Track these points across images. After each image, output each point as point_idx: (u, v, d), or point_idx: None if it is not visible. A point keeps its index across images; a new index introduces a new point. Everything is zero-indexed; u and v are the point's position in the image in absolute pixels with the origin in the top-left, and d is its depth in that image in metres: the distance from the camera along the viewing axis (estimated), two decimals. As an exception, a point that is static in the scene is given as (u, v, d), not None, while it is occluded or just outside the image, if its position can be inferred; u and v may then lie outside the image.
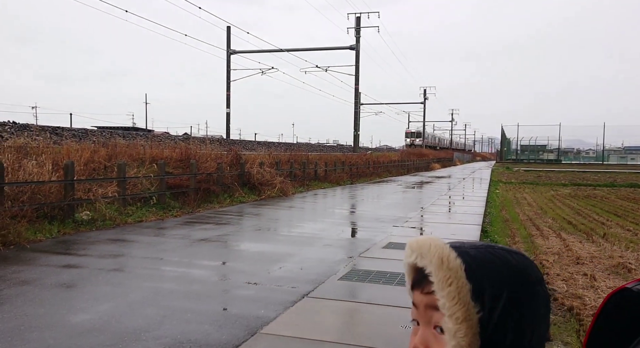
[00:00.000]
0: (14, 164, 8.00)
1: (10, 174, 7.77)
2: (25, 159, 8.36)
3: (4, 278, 5.09)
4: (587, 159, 71.76)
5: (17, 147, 8.80)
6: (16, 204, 7.39)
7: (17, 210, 7.28)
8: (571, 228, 10.00)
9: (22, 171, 7.99)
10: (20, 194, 7.67)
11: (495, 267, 0.64)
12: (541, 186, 23.25)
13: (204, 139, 16.88)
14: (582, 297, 5.08)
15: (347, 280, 5.36)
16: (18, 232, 6.82)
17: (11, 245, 6.57)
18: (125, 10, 18.47)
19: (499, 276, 0.64)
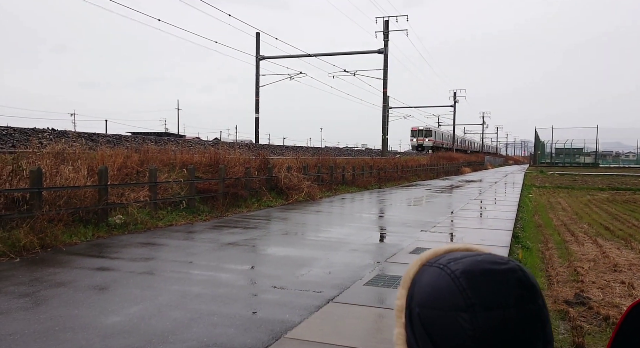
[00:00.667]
0: (51, 170, 8.32)
1: (48, 179, 8.08)
2: (62, 165, 8.68)
3: (41, 279, 5.29)
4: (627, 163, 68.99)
5: (55, 153, 9.15)
6: (53, 208, 7.68)
7: (54, 214, 7.56)
8: (608, 234, 9.63)
9: (59, 177, 8.29)
10: (57, 198, 7.97)
11: (423, 287, 0.62)
12: (577, 191, 22.50)
13: (233, 144, 17.13)
14: (619, 306, 4.87)
15: (373, 286, 5.32)
16: (55, 235, 7.08)
17: (48, 248, 6.83)
18: (158, 19, 19.01)
19: (420, 297, 0.61)
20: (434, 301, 0.58)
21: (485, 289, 0.56)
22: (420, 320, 0.59)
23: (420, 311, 0.60)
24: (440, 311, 0.57)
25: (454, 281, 0.58)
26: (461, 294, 0.56)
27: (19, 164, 7.90)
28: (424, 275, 0.63)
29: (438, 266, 0.62)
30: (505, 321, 0.55)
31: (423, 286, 0.61)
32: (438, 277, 0.60)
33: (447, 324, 0.56)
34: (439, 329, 0.57)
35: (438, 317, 0.57)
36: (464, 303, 0.56)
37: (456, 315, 0.56)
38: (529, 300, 0.57)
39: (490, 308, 0.55)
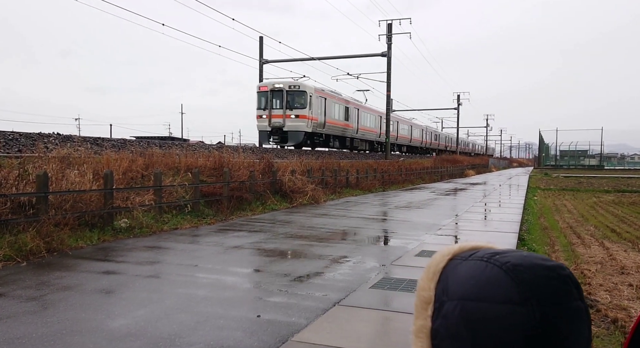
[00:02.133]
0: (57, 174, 8.36)
1: (54, 183, 8.12)
2: (68, 169, 8.72)
3: (48, 283, 5.31)
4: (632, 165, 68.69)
5: (61, 157, 9.20)
6: (59, 212, 7.71)
7: (60, 218, 7.59)
8: (615, 236, 9.57)
9: (65, 181, 8.33)
10: (63, 202, 8.00)
11: (461, 280, 0.60)
12: (582, 193, 22.39)
13: (237, 148, 17.16)
14: (627, 309, 4.84)
15: (379, 289, 5.31)
16: (61, 239, 7.11)
17: (55, 252, 6.85)
18: (162, 24, 19.07)
19: (459, 290, 0.59)
20: (481, 294, 0.57)
21: (540, 283, 0.56)
22: (461, 313, 0.58)
23: (462, 304, 0.58)
24: (488, 304, 0.56)
25: (507, 274, 0.57)
26: (517, 287, 0.55)
27: (25, 168, 7.94)
28: (460, 268, 0.62)
29: (481, 259, 0.60)
30: (559, 317, 0.55)
31: (463, 279, 0.60)
32: (484, 270, 0.58)
33: (496, 318, 0.55)
34: (485, 322, 0.56)
35: (485, 310, 0.56)
36: (519, 296, 0.55)
37: (510, 309, 0.55)
38: (577, 297, 0.57)
39: (545, 304, 0.55)
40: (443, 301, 0.61)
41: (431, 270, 0.66)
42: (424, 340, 0.63)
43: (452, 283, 0.61)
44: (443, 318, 0.61)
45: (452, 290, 0.61)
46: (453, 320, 0.59)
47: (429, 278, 0.65)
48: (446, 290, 0.62)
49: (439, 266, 0.65)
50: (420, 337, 0.64)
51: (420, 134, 52.22)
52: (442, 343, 0.60)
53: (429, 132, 56.80)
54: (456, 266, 0.63)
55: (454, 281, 0.61)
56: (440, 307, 0.61)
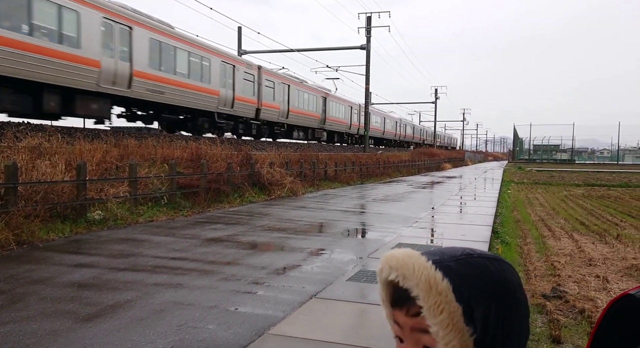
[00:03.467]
0: (27, 165, 8.12)
1: (24, 174, 7.89)
2: (38, 160, 8.48)
3: (17, 276, 5.17)
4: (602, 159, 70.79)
5: (31, 147, 8.93)
6: (30, 204, 7.51)
7: (30, 210, 7.39)
8: (584, 229, 9.87)
9: (36, 171, 8.11)
10: (34, 194, 7.79)
11: (480, 281, 0.63)
12: (554, 187, 22.99)
13: (214, 139, 16.97)
14: (594, 299, 5.01)
15: (356, 281, 5.35)
16: (31, 231, 6.92)
17: (25, 244, 6.68)
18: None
19: (485, 290, 0.63)
20: (506, 286, 0.64)
21: None
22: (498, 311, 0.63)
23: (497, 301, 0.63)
24: (512, 294, 0.65)
25: (510, 265, 0.67)
26: (517, 275, 0.67)
27: (-6, 158, 7.69)
28: (463, 268, 0.64)
29: (480, 256, 0.66)
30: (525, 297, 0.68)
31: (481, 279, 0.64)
32: (492, 266, 0.65)
33: (517, 302, 0.65)
34: (515, 307, 0.64)
35: (511, 299, 0.64)
36: (518, 282, 0.66)
37: (519, 294, 0.65)
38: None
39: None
40: (472, 304, 0.62)
41: (432, 282, 0.63)
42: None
43: (470, 287, 0.63)
44: (483, 320, 0.62)
45: (479, 292, 0.63)
46: (494, 318, 0.63)
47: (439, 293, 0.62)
48: (468, 295, 0.62)
49: (436, 279, 0.63)
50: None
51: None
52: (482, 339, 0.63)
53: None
54: (456, 268, 0.64)
55: (471, 283, 0.63)
56: (473, 310, 0.62)
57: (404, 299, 0.66)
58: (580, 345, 3.97)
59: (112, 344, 3.49)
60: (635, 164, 63.24)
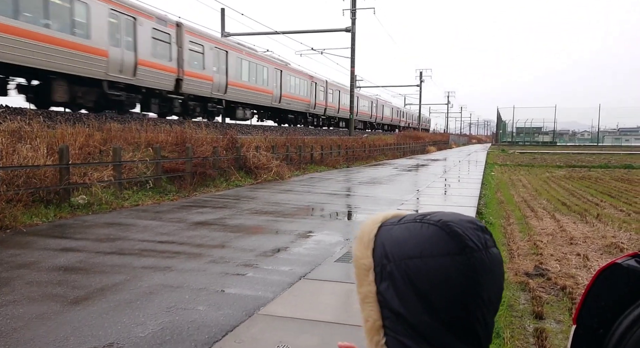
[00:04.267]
0: (7, 149, 7.95)
1: (5, 158, 7.72)
2: (19, 144, 8.30)
3: (1, 261, 5.10)
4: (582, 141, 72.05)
5: (11, 131, 8.73)
6: (11, 188, 7.37)
7: (12, 194, 7.26)
8: (565, 209, 10.09)
9: (17, 155, 7.94)
10: (15, 178, 7.64)
11: (398, 242, 0.65)
12: (536, 168, 23.36)
13: (199, 123, 16.74)
14: (575, 277, 5.16)
15: (344, 262, 5.41)
16: (14, 216, 6.81)
17: (7, 229, 6.58)
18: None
19: (400, 251, 0.64)
20: (424, 250, 0.63)
21: (469, 234, 0.63)
22: (406, 271, 0.63)
23: (406, 263, 0.63)
24: (431, 258, 0.62)
25: (443, 230, 0.63)
26: (453, 240, 0.62)
27: (-28, 142, 7.50)
28: (394, 232, 0.67)
29: (414, 221, 0.66)
30: (487, 260, 0.63)
31: (401, 240, 0.65)
32: (420, 229, 0.65)
33: (439, 269, 0.62)
34: (431, 275, 0.62)
35: (430, 264, 0.62)
36: (456, 247, 0.62)
37: (450, 259, 0.61)
38: (493, 244, 0.66)
39: (476, 250, 0.63)
40: (384, 264, 0.65)
41: (365, 238, 0.69)
42: (372, 304, 0.67)
43: (391, 246, 0.66)
44: (388, 280, 0.65)
45: (392, 253, 0.65)
46: (399, 279, 0.64)
47: (364, 246, 0.68)
48: (385, 254, 0.66)
49: (371, 234, 0.69)
50: (367, 302, 0.67)
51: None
52: (390, 302, 0.64)
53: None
54: (389, 231, 0.68)
55: (392, 244, 0.66)
56: (383, 270, 0.65)
57: None
58: (562, 320, 4.09)
59: (101, 327, 3.49)
60: (615, 145, 64.55)
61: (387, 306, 0.65)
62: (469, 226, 0.65)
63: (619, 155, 36.11)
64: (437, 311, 0.62)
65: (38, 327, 3.46)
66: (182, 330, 3.48)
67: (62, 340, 3.25)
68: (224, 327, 3.55)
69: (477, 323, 0.63)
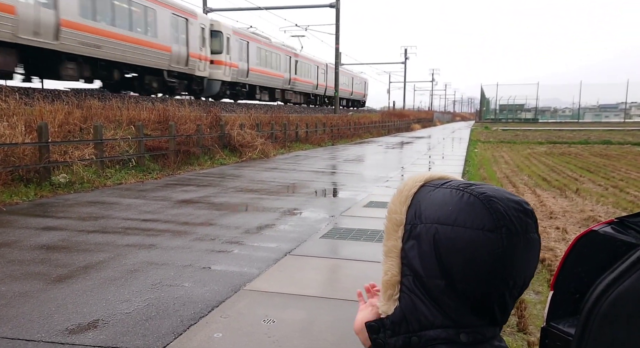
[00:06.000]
0: (-17, 127, 7.73)
1: (-19, 137, 7.52)
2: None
3: (-18, 241, 5.03)
4: (564, 118, 73.00)
5: (-14, 109, 8.48)
6: (-11, 167, 7.20)
7: (-10, 174, 7.10)
8: (546, 184, 10.28)
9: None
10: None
11: (434, 205, 0.65)
12: (518, 145, 23.66)
13: (182, 101, 16.45)
14: (553, 249, 5.30)
15: (329, 238, 5.46)
16: (-7, 196, 6.68)
17: (-13, 209, 6.45)
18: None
19: (433, 214, 0.64)
20: (458, 219, 0.62)
21: (509, 215, 0.62)
22: (435, 235, 0.63)
23: (437, 227, 0.63)
24: (463, 228, 0.62)
25: (483, 203, 0.62)
26: (490, 216, 0.61)
27: (-54, 120, 7.27)
28: (434, 195, 0.66)
29: (457, 188, 0.65)
30: (520, 245, 0.62)
31: (438, 204, 0.64)
32: (460, 198, 0.64)
33: (468, 241, 0.61)
34: (457, 245, 0.62)
35: (460, 234, 0.61)
36: (492, 224, 0.61)
37: (482, 234, 0.61)
38: (534, 230, 0.64)
39: (511, 233, 0.61)
40: (415, 224, 0.66)
41: (403, 194, 0.69)
42: (394, 259, 0.68)
43: (426, 208, 0.66)
44: (415, 239, 0.65)
45: (427, 214, 0.65)
46: (426, 241, 0.64)
47: (400, 202, 0.68)
48: (419, 214, 0.66)
49: (411, 191, 0.69)
50: (390, 256, 0.68)
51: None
52: (412, 261, 0.65)
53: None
54: (429, 193, 0.67)
55: (428, 206, 0.66)
56: (413, 229, 0.66)
57: None
58: (540, 291, 4.22)
59: (86, 304, 3.48)
60: (595, 121, 65.56)
61: (408, 264, 0.66)
62: (514, 206, 0.62)
63: (598, 131, 36.74)
64: (455, 280, 0.62)
65: (22, 305, 3.43)
66: (168, 306, 3.50)
67: (47, 317, 3.24)
68: (210, 303, 3.57)
69: (494, 302, 0.63)
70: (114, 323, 3.20)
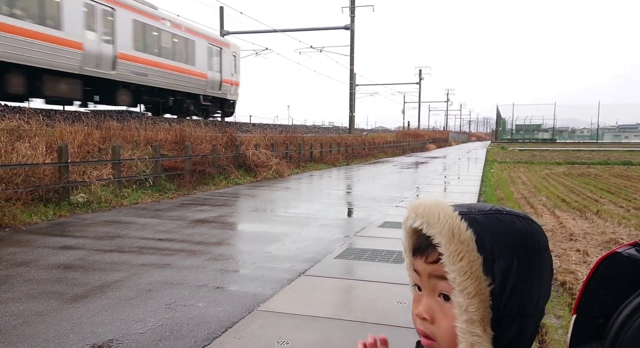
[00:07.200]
0: (6, 147, 7.94)
1: (4, 156, 7.71)
2: (18, 142, 8.29)
3: (1, 259, 5.10)
4: (582, 138, 72.10)
5: (10, 129, 8.72)
6: (10, 186, 7.36)
7: (11, 193, 7.25)
8: (565, 205, 10.08)
9: (16, 154, 7.93)
10: (14, 176, 7.63)
11: (505, 236, 0.62)
12: (536, 165, 23.35)
13: (198, 121, 16.73)
14: (574, 272, 5.15)
15: (343, 259, 5.41)
16: (13, 214, 6.81)
17: (7, 227, 6.57)
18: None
19: (509, 245, 0.62)
20: (531, 244, 0.64)
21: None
22: (520, 267, 0.62)
23: (521, 258, 0.63)
24: (537, 253, 0.64)
25: (538, 226, 0.66)
26: (545, 236, 0.67)
27: (-29, 141, 7.49)
28: (489, 221, 0.63)
29: (498, 213, 0.65)
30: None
31: (502, 232, 0.63)
32: (520, 223, 0.65)
33: (540, 262, 0.65)
34: (538, 267, 0.64)
35: (535, 258, 0.64)
36: (545, 243, 0.66)
37: (545, 254, 0.65)
38: None
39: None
40: (492, 257, 0.62)
41: (462, 236, 0.62)
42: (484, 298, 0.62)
43: (494, 240, 0.63)
44: (504, 275, 0.62)
45: (502, 244, 0.62)
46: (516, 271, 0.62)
47: (460, 241, 0.62)
48: (488, 248, 0.62)
49: (461, 228, 0.63)
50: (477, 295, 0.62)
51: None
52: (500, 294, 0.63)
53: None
54: (482, 222, 0.63)
55: (495, 236, 0.63)
56: (495, 259, 0.62)
57: (425, 247, 0.67)
58: (562, 315, 4.09)
59: (101, 323, 3.48)
60: (614, 142, 64.58)
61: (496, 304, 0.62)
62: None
63: (618, 152, 36.12)
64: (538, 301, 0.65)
65: (38, 324, 3.45)
66: (182, 326, 3.48)
67: (62, 337, 3.25)
68: (223, 323, 3.55)
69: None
70: (128, 343, 3.18)
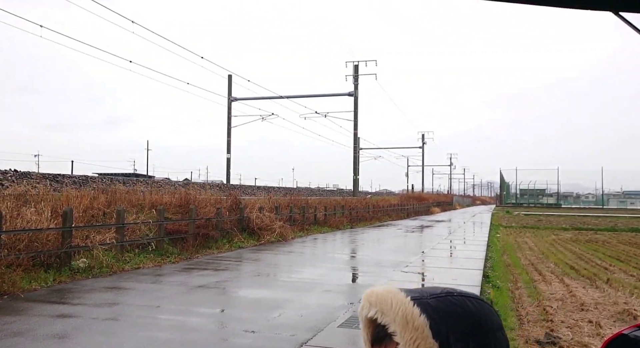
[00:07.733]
0: (12, 212, 8.00)
1: (9, 222, 7.75)
2: (24, 207, 8.37)
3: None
4: (587, 203, 71.81)
5: (17, 195, 8.84)
6: (12, 252, 7.33)
7: (13, 259, 7.20)
8: (574, 273, 9.86)
9: (21, 219, 7.97)
10: (17, 242, 7.62)
11: (458, 319, 0.62)
12: (542, 230, 23.10)
13: (204, 185, 16.95)
14: (588, 345, 4.94)
15: (347, 328, 5.24)
16: (13, 281, 6.72)
17: (5, 295, 6.46)
18: (130, 60, 18.99)
19: (463, 328, 0.62)
20: (485, 325, 0.63)
21: None
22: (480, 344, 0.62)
23: (476, 340, 0.62)
24: (492, 333, 0.63)
25: (490, 306, 0.66)
26: (498, 316, 0.66)
27: (-22, 205, 7.57)
28: (442, 305, 0.63)
29: (449, 295, 0.65)
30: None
31: (455, 315, 0.62)
32: (473, 305, 0.64)
33: (496, 342, 0.63)
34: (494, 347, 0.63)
35: (490, 339, 0.63)
36: (499, 323, 0.65)
37: (499, 334, 0.64)
38: None
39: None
40: (448, 343, 0.61)
41: (415, 323, 0.62)
42: None
43: (449, 324, 0.62)
44: None
45: (458, 330, 0.61)
46: None
47: (416, 329, 0.61)
48: (443, 333, 0.61)
49: (414, 315, 0.62)
50: None
51: None
52: None
53: None
54: (433, 306, 0.63)
55: (446, 319, 0.62)
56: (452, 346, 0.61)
57: (382, 337, 0.65)
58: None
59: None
60: (620, 208, 64.21)
61: None
62: None
63: (625, 218, 35.81)
64: None
65: (27, 400, 3.30)
66: (177, 403, 3.31)
67: None
68: (221, 401, 3.37)
69: None
70: None
